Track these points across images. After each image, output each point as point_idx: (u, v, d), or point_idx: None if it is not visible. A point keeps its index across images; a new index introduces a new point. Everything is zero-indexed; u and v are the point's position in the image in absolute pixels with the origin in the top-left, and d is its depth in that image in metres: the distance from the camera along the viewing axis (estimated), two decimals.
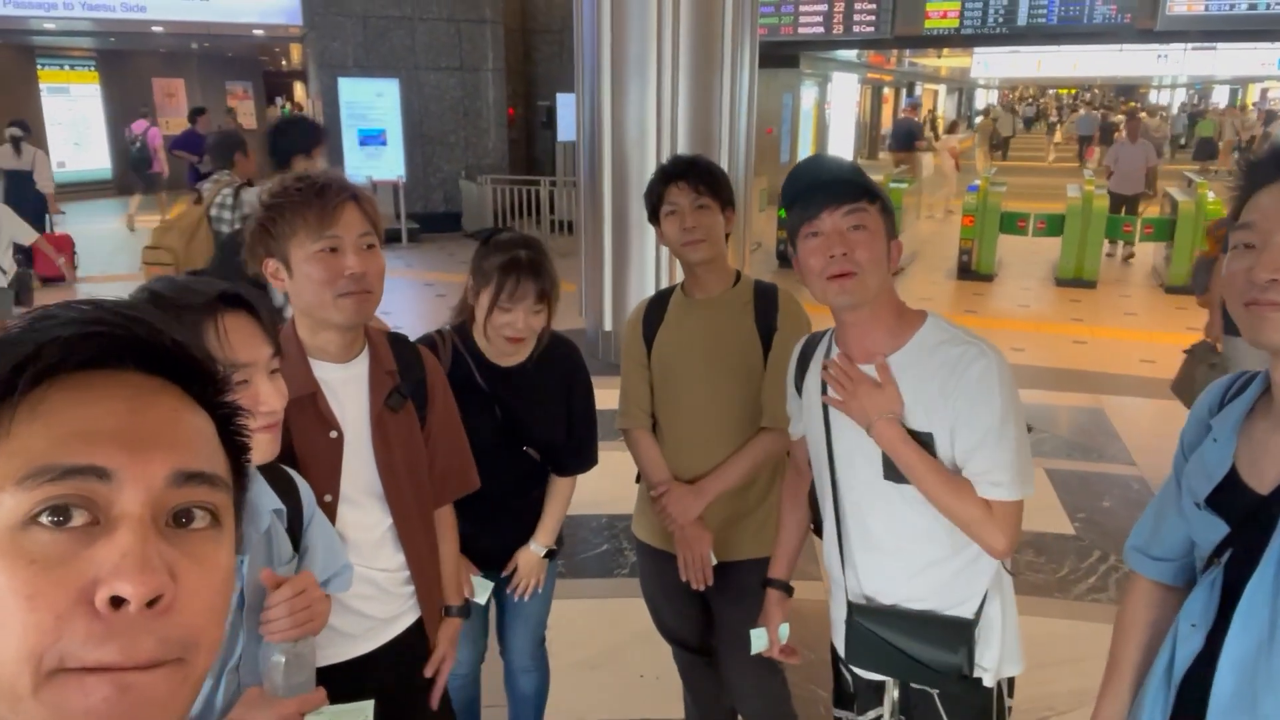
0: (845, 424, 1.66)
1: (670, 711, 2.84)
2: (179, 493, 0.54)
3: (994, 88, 42.62)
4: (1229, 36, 16.50)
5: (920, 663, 1.65)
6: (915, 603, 1.67)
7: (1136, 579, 1.45)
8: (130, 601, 0.49)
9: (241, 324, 1.19)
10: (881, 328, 1.62)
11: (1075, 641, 3.11)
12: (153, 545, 0.51)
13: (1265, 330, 1.11)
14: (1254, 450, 1.20)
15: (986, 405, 1.54)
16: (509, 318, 2.02)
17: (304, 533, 1.42)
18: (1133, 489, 4.54)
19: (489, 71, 12.46)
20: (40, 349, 0.53)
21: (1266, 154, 1.16)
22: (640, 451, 2.31)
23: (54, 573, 0.49)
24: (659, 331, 2.28)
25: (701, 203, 2.14)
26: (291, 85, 22.18)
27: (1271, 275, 1.08)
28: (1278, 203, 1.11)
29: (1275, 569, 1.11)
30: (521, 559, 2.25)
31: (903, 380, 1.59)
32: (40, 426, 0.52)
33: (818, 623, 3.33)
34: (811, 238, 1.57)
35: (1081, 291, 9.14)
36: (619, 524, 4.05)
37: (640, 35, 6.01)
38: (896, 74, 28.09)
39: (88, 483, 0.51)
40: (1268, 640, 1.11)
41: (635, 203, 6.30)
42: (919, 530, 1.63)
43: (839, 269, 1.54)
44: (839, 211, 1.55)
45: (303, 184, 1.53)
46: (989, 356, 1.56)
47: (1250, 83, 33.94)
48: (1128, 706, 1.40)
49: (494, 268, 2.02)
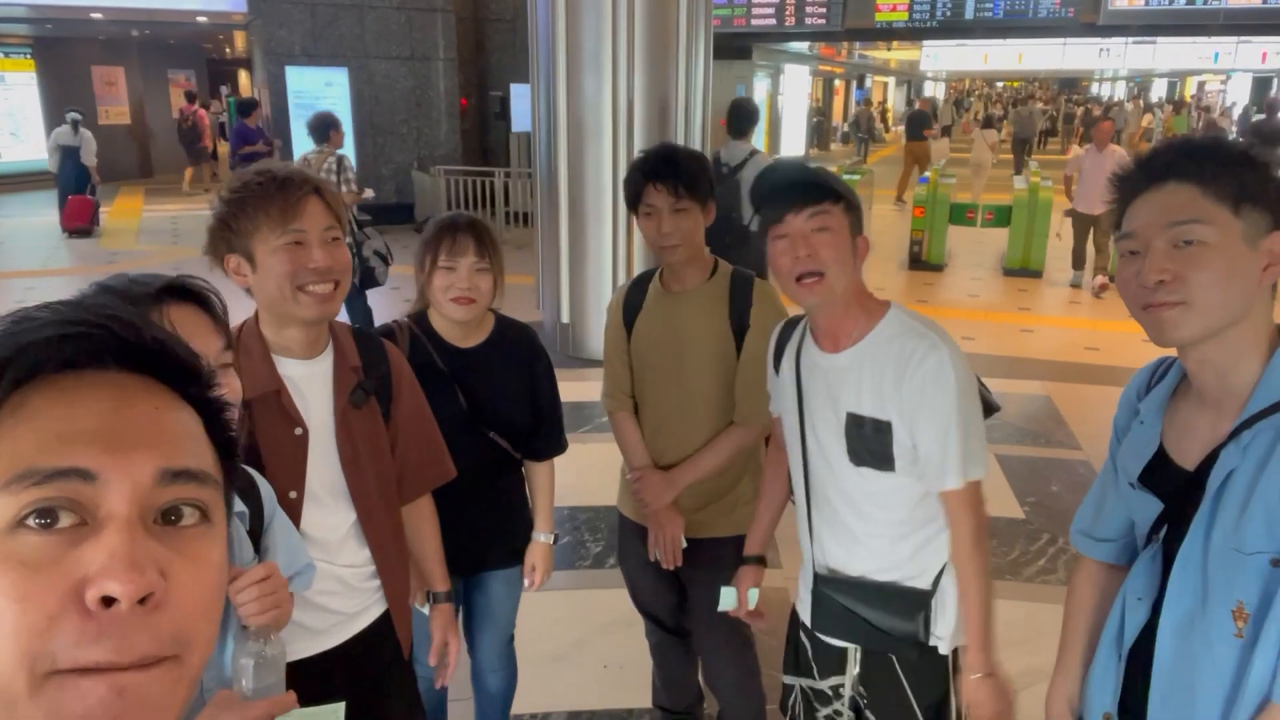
0: (816, 405, 1.76)
1: (635, 700, 2.87)
2: (166, 491, 0.54)
3: (942, 80, 43.25)
4: (1168, 31, 16.95)
5: (879, 630, 1.77)
6: (875, 574, 1.77)
7: (1084, 561, 1.53)
8: (121, 600, 0.49)
9: (189, 316, 1.17)
10: (849, 319, 1.72)
11: (1026, 622, 3.19)
12: (141, 544, 0.51)
13: (1165, 329, 1.19)
14: (1179, 430, 1.28)
15: (941, 401, 1.63)
16: (453, 277, 2.02)
17: (264, 533, 1.41)
18: (1079, 473, 4.67)
19: (440, 61, 12.32)
20: (20, 351, 0.52)
21: (1134, 166, 1.25)
22: (621, 435, 2.35)
23: (43, 574, 0.49)
24: (637, 319, 2.31)
25: (680, 206, 2.13)
26: (236, 74, 21.71)
27: (1158, 277, 1.17)
28: (1152, 210, 1.19)
29: (1204, 538, 1.19)
30: (533, 553, 2.28)
31: (862, 370, 1.69)
32: (24, 430, 0.52)
33: (777, 609, 3.39)
34: (779, 240, 1.66)
35: (1028, 281, 9.35)
36: (581, 516, 4.06)
37: (595, 25, 5.99)
38: (847, 66, 28.39)
39: (72, 484, 0.51)
40: (1200, 604, 1.19)
41: (592, 195, 6.30)
42: (879, 508, 1.74)
43: (804, 269, 1.64)
44: (803, 214, 1.64)
45: (264, 178, 1.51)
46: (941, 350, 1.64)
47: (1188, 76, 34.88)
48: (1079, 681, 1.47)
49: (431, 233, 2.07)
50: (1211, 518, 1.18)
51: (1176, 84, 37.80)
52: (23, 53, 16.10)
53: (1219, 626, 1.17)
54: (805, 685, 1.95)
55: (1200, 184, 1.16)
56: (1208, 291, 1.15)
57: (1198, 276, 1.15)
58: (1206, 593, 1.19)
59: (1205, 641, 1.19)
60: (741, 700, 2.45)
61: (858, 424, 1.70)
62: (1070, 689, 1.49)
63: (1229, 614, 1.16)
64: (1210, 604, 1.18)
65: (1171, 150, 1.22)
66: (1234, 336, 1.18)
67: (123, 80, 17.50)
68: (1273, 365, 1.18)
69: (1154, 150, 1.25)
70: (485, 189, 11.38)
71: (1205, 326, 1.17)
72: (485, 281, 2.05)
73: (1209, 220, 1.15)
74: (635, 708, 2.86)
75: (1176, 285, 1.16)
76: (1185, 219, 1.16)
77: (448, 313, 2.08)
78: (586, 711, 2.89)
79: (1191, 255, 1.16)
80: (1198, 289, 1.15)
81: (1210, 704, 1.18)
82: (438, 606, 1.92)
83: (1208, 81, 35.09)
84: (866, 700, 1.86)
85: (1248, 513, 1.14)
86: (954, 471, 1.65)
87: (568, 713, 2.88)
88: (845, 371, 1.71)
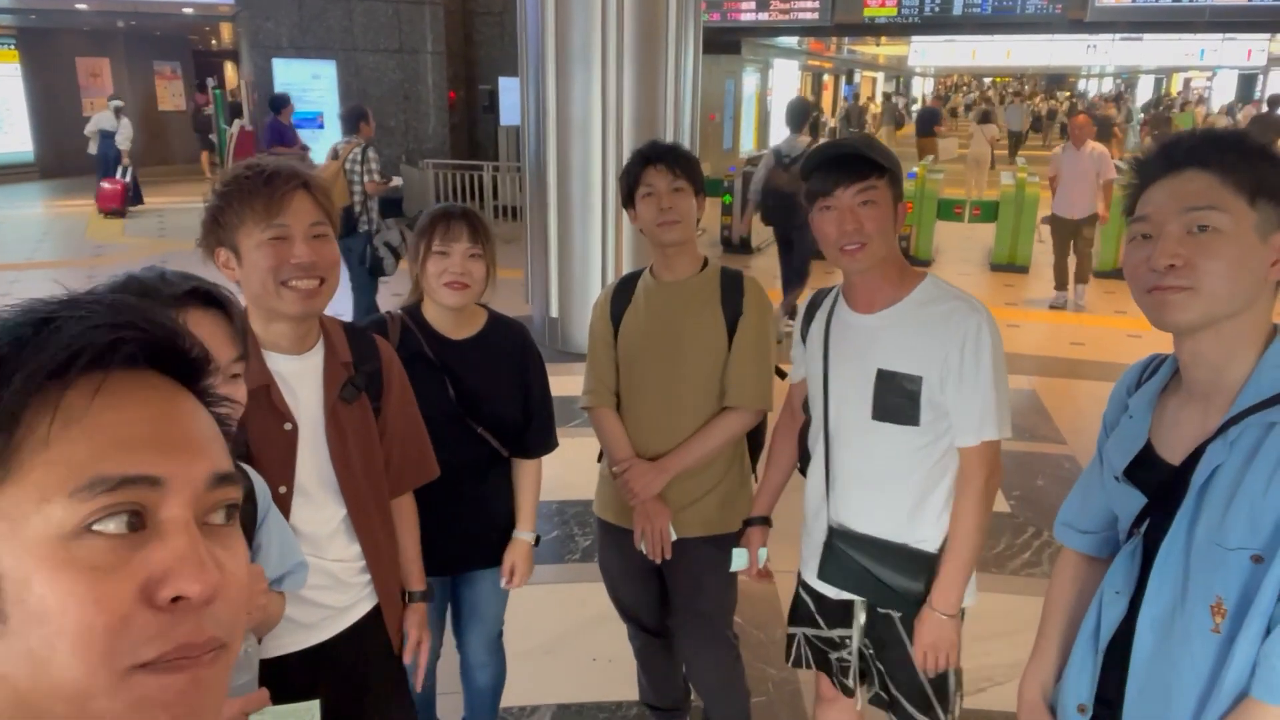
0: (843, 366, 1.88)
1: (623, 693, 2.88)
2: (214, 494, 0.56)
3: (930, 76, 43.34)
4: (1155, 28, 17.04)
5: (887, 587, 1.87)
6: (886, 534, 1.87)
7: (1066, 552, 1.55)
8: (193, 599, 0.52)
9: (208, 323, 1.18)
10: (886, 284, 1.84)
11: (1011, 616, 3.22)
12: (201, 544, 0.54)
13: (1168, 312, 1.20)
14: (1166, 425, 1.30)
15: (980, 359, 1.75)
16: (446, 262, 2.05)
17: (257, 530, 1.41)
18: (1064, 468, 4.71)
19: (429, 54, 12.27)
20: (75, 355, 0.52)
21: (1155, 152, 1.27)
22: (604, 429, 2.34)
23: (113, 577, 0.51)
24: (626, 312, 2.31)
25: (678, 185, 2.19)
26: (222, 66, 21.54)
27: (1168, 261, 1.18)
28: (1167, 196, 1.21)
29: (1186, 533, 1.20)
30: (514, 552, 2.25)
31: (897, 329, 1.81)
32: (78, 434, 0.52)
33: (767, 605, 3.41)
34: (827, 210, 1.78)
35: (1015, 276, 9.40)
36: (569, 510, 4.08)
37: (585, 19, 5.98)
38: (836, 61, 28.41)
39: (140, 490, 0.52)
40: (1180, 600, 1.21)
41: (581, 189, 6.29)
42: (897, 468, 1.85)
43: (850, 241, 1.76)
44: (851, 189, 1.75)
45: (252, 172, 1.51)
46: (981, 313, 1.78)
47: (1174, 72, 35.07)
48: (1055, 669, 1.49)
49: (426, 219, 2.11)
50: (1195, 513, 1.19)
51: (1163, 80, 37.97)
52: (7, 43, 15.94)
53: (1197, 621, 1.18)
54: (811, 634, 2.05)
55: (1219, 173, 1.18)
56: (1215, 280, 1.17)
57: (1208, 264, 1.17)
58: (1186, 587, 1.20)
59: (1183, 636, 1.20)
60: (725, 698, 2.46)
61: (887, 380, 1.80)
62: (1045, 676, 1.51)
63: (1207, 609, 1.17)
64: (1189, 599, 1.19)
65: (1194, 138, 1.24)
66: (1230, 329, 1.19)
67: (107, 71, 17.34)
68: (1264, 362, 1.20)
69: (1176, 137, 1.26)
70: (474, 183, 11.36)
71: (1207, 313, 1.18)
72: (478, 268, 2.08)
73: (1225, 209, 1.17)
74: (624, 700, 2.88)
75: (1186, 271, 1.18)
76: (1201, 205, 1.18)
77: (441, 298, 2.08)
78: (575, 704, 2.90)
79: (1204, 242, 1.17)
80: (1206, 276, 1.17)
81: (1186, 698, 1.19)
82: (413, 605, 1.91)
83: (1194, 78, 35.29)
84: (873, 652, 1.97)
85: (1232, 508, 1.14)
86: (982, 427, 1.77)
87: (556, 706, 2.89)
88: (879, 331, 1.83)
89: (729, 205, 10.14)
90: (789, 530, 2.22)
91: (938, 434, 1.81)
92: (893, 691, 1.95)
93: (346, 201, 6.31)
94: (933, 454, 1.82)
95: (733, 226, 10.11)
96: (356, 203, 6.38)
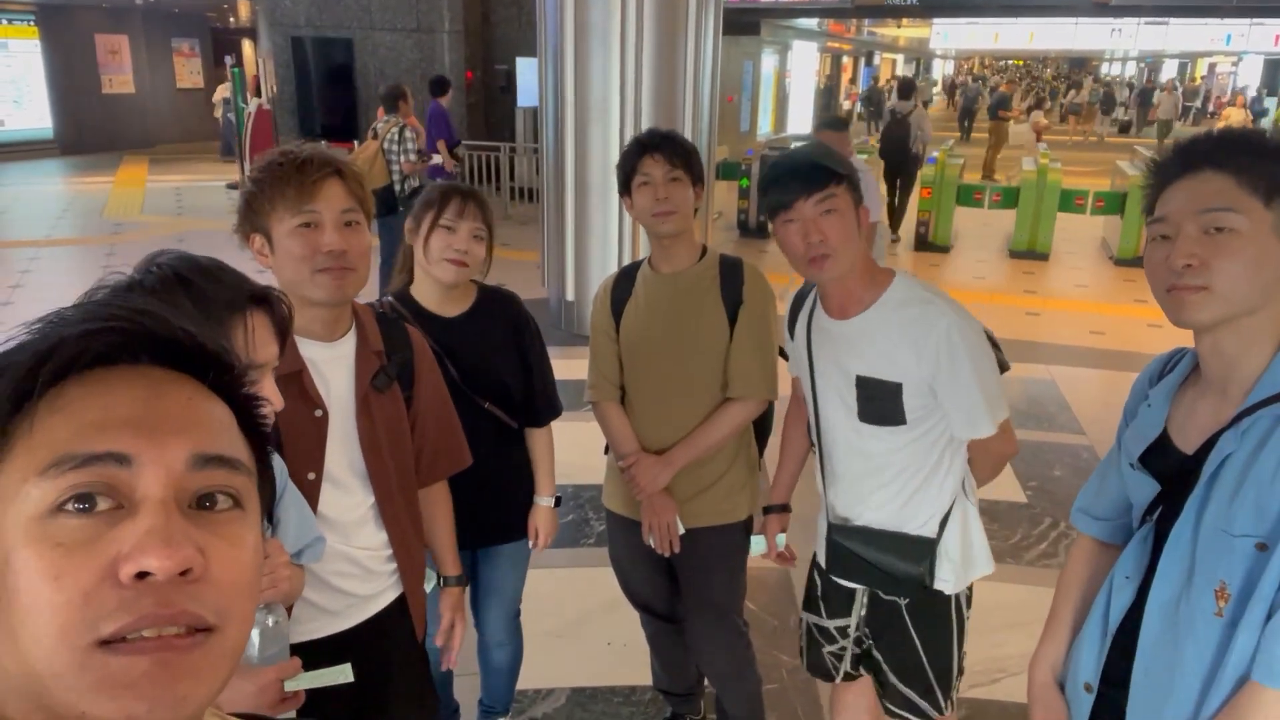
0: (825, 371, 1.91)
1: (637, 678, 2.90)
2: (199, 476, 0.55)
3: (951, 58, 42.86)
4: (1181, 11, 16.76)
5: (890, 575, 1.92)
6: (882, 523, 1.91)
7: (1081, 538, 1.58)
8: (157, 575, 0.51)
9: (264, 323, 1.20)
10: (857, 288, 1.84)
11: (1026, 606, 3.21)
12: (176, 523, 0.53)
13: (1186, 312, 1.23)
14: (1183, 415, 1.33)
15: (958, 364, 1.77)
16: (452, 238, 2.06)
17: (275, 507, 1.42)
18: (1082, 458, 4.69)
19: (445, 33, 12.22)
20: (55, 347, 0.54)
21: (1172, 153, 1.29)
22: (609, 423, 2.34)
23: (78, 553, 0.51)
24: (626, 305, 2.30)
25: (674, 175, 2.17)
26: (240, 44, 21.54)
27: (1186, 261, 1.21)
28: (1185, 197, 1.23)
29: (1195, 519, 1.24)
30: (537, 516, 2.33)
31: (871, 335, 1.82)
32: (60, 419, 0.53)
33: (781, 591, 3.42)
34: (790, 224, 1.77)
35: (1035, 264, 9.31)
36: (585, 494, 4.09)
37: (604, 0, 5.94)
38: (855, 43, 28.11)
39: (109, 469, 0.53)
40: (1186, 586, 1.24)
41: (598, 172, 6.27)
42: (891, 463, 1.88)
43: (816, 253, 1.76)
44: (811, 199, 1.73)
45: (285, 159, 1.52)
46: (948, 315, 1.78)
47: (1199, 57, 34.54)
48: (1064, 651, 1.53)
49: (434, 194, 2.11)
50: (1204, 500, 1.23)
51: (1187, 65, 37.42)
52: (26, 19, 15.98)
53: (1202, 606, 1.22)
54: (813, 622, 2.11)
55: (1235, 174, 1.20)
56: (1232, 280, 1.19)
57: (1224, 264, 1.19)
58: (1192, 572, 1.23)
59: (1188, 619, 1.23)
60: (736, 685, 2.47)
61: (866, 386, 1.82)
62: (1055, 657, 1.54)
63: (1211, 594, 1.20)
64: (1195, 583, 1.23)
65: (1210, 139, 1.26)
66: (1249, 325, 1.22)
67: (126, 49, 17.38)
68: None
69: (1193, 139, 1.28)
70: (491, 164, 11.33)
71: (1224, 312, 1.21)
72: (480, 250, 2.10)
73: (1241, 209, 1.19)
74: (638, 685, 2.90)
75: (1202, 270, 1.20)
76: (1218, 206, 1.20)
77: (439, 274, 2.09)
78: (590, 688, 2.92)
79: (1220, 243, 1.19)
80: (1222, 276, 1.19)
81: (1190, 681, 1.23)
82: (447, 589, 1.94)
83: (1218, 63, 34.76)
84: (873, 640, 2.00)
85: (1239, 496, 1.18)
86: (983, 421, 1.80)
87: (571, 689, 2.91)
88: (854, 338, 1.84)
89: (746, 189, 10.08)
90: (801, 515, 2.24)
91: (928, 425, 1.83)
92: (891, 679, 1.99)
93: (386, 180, 6.41)
94: (925, 444, 1.86)
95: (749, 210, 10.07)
96: (396, 182, 6.44)
